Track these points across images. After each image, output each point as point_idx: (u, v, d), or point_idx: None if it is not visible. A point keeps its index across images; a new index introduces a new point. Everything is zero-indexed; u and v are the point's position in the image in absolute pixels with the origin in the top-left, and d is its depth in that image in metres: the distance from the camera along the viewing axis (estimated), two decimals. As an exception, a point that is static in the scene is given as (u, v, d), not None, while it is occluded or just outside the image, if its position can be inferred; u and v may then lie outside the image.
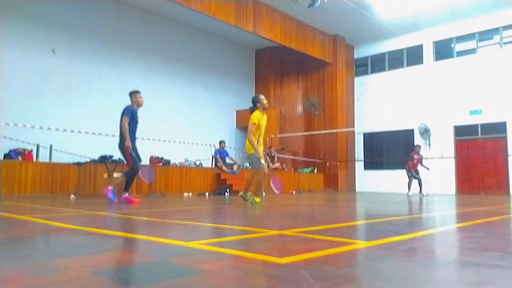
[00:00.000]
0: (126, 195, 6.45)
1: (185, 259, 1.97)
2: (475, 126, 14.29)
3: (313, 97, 16.85)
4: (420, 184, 11.44)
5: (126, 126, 6.36)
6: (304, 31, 14.97)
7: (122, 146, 6.44)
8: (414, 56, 15.76)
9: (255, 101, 6.22)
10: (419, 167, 11.58)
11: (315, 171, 15.78)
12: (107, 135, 10.90)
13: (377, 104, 16.49)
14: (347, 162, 16.41)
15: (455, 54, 14.98)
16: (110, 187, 6.35)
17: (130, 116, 6.42)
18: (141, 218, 4.23)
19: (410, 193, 11.33)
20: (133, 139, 6.50)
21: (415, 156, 11.58)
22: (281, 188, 6.71)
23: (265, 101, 6.16)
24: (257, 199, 6.01)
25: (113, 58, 12.85)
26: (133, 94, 6.66)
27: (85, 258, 1.93)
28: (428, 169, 11.47)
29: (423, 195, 10.99)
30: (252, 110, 6.15)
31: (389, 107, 16.03)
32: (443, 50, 15.25)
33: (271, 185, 6.40)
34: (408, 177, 11.57)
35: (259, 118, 6.03)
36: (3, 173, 8.44)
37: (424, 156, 12.08)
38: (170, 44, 14.40)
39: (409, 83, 15.71)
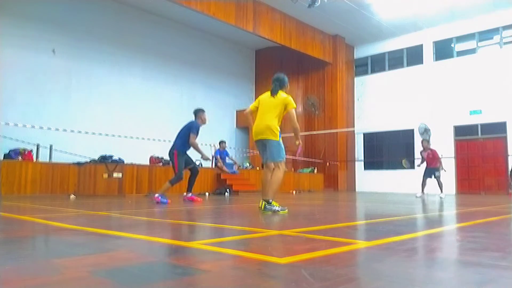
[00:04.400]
0: (189, 195, 6.94)
1: (185, 259, 1.97)
2: (475, 126, 14.29)
3: (313, 97, 16.85)
4: (439, 184, 10.04)
5: (196, 143, 6.69)
6: (304, 31, 14.97)
7: (172, 153, 6.67)
8: (414, 56, 15.76)
9: (285, 81, 5.00)
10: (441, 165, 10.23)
11: (315, 171, 15.78)
12: (107, 135, 10.91)
13: (377, 104, 16.48)
14: (347, 162, 16.41)
15: (455, 54, 14.98)
16: (157, 194, 6.47)
17: (197, 134, 6.72)
18: (141, 218, 4.23)
19: (418, 194, 10.09)
20: (185, 150, 6.75)
21: (423, 154, 10.35)
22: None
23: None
24: (276, 204, 4.61)
25: (113, 58, 12.85)
26: (201, 112, 7.04)
27: (85, 258, 1.93)
28: (444, 170, 10.36)
29: (422, 195, 10.03)
30: (275, 91, 4.86)
31: (389, 107, 16.03)
32: (443, 50, 15.25)
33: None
34: (423, 176, 10.26)
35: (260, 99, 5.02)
36: (3, 173, 8.44)
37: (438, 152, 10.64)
38: (170, 44, 14.40)
39: (409, 83, 15.71)
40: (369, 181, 16.34)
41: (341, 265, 1.80)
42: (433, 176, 10.15)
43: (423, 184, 10.17)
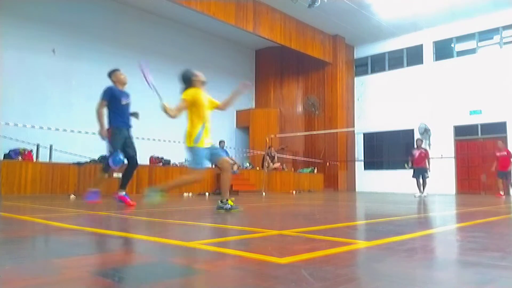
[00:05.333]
0: (122, 194, 5.58)
1: (185, 259, 1.97)
2: (475, 126, 14.29)
3: (313, 97, 16.85)
4: (423, 184, 10.36)
5: (100, 111, 5.51)
6: (304, 31, 14.97)
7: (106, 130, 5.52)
8: (414, 56, 15.76)
9: (187, 76, 4.65)
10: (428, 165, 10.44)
11: (315, 171, 15.78)
12: (107, 135, 10.88)
13: (377, 104, 16.49)
14: (347, 162, 16.41)
15: (455, 54, 14.98)
16: (89, 190, 5.44)
17: (108, 98, 5.57)
18: (141, 218, 4.23)
19: (417, 194, 10.21)
20: (121, 124, 5.66)
21: (414, 152, 10.59)
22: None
23: (200, 74, 4.59)
24: (231, 202, 4.74)
25: (113, 58, 12.82)
26: (112, 73, 5.88)
27: (85, 258, 1.93)
28: (429, 170, 10.53)
29: (421, 195, 10.17)
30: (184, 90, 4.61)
31: (389, 107, 16.03)
32: (443, 50, 15.25)
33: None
34: (413, 176, 10.48)
35: (195, 94, 4.55)
36: (3, 173, 8.43)
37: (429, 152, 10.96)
38: (170, 44, 14.39)
39: (409, 83, 15.71)
40: (369, 181, 16.34)
41: (341, 265, 1.80)
42: (421, 176, 10.40)
43: (418, 184, 10.43)
